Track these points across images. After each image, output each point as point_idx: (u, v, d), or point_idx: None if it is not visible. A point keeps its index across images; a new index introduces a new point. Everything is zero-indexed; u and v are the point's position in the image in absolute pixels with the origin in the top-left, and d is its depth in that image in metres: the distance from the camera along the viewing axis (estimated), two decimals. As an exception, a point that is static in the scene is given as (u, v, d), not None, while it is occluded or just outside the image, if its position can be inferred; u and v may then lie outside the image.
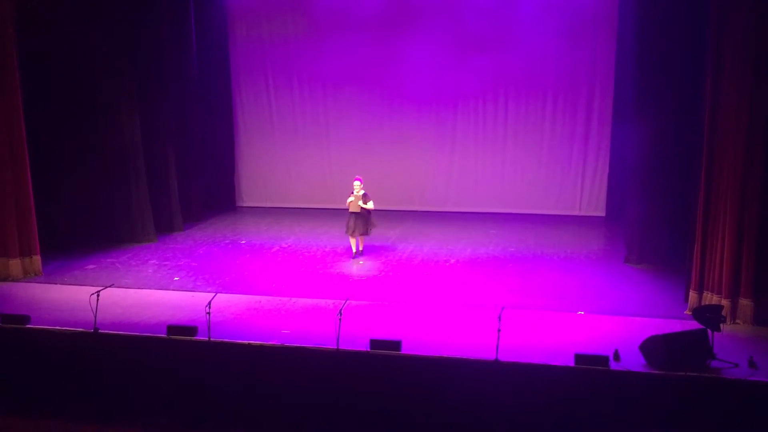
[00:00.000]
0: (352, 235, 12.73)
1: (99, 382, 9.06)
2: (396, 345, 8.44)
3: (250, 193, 17.91)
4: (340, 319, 8.48)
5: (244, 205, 17.88)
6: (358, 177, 12.74)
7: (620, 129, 15.23)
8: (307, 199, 17.18)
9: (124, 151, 13.87)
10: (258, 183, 17.79)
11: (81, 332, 9.13)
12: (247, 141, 17.82)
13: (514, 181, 16.62)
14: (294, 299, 10.73)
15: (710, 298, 9.71)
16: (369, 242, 14.05)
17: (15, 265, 11.67)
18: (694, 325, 8.57)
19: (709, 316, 8.45)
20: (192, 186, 16.05)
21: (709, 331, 8.24)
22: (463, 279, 11.71)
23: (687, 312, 9.85)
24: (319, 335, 8.96)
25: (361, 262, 12.63)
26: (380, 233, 14.77)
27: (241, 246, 14.01)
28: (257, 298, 10.75)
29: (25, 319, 9.43)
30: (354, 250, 12.84)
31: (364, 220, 12.58)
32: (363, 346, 8.50)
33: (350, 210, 12.60)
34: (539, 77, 16.10)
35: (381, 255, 13.18)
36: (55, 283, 11.48)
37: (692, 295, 9.97)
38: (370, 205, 12.51)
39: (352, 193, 12.57)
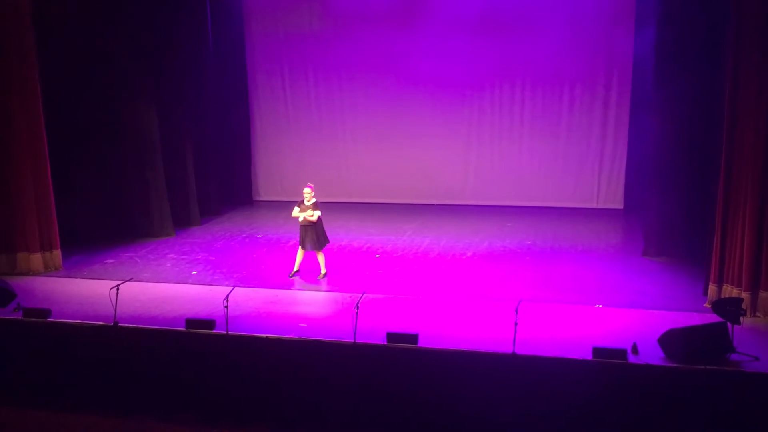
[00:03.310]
0: (303, 248, 11.26)
1: (118, 375, 9.15)
2: (413, 338, 8.44)
3: (266, 188, 17.99)
4: (356, 313, 8.49)
5: (261, 199, 17.97)
6: (310, 184, 11.26)
7: (638, 120, 15.14)
8: (324, 193, 17.01)
9: (142, 147, 13.98)
10: (274, 177, 17.87)
11: (101, 325, 9.22)
12: (263, 135, 17.89)
13: (531, 173, 16.55)
14: (311, 292, 10.77)
15: (730, 291, 9.61)
16: (386, 235, 14.09)
17: (36, 259, 11.82)
18: (713, 318, 8.51)
19: (728, 309, 8.37)
20: (209, 180, 16.15)
21: (729, 324, 8.17)
22: (480, 272, 11.69)
23: (706, 305, 9.76)
24: (336, 328, 8.99)
25: (322, 280, 11.32)
26: (396, 227, 14.80)
27: (258, 240, 14.07)
28: (274, 291, 10.80)
29: (46, 312, 9.54)
30: (295, 268, 11.37)
31: (314, 232, 11.14)
32: (380, 339, 8.51)
33: (299, 221, 11.18)
34: (556, 69, 16.01)
35: (398, 248, 13.18)
36: (76, 277, 11.60)
37: (712, 288, 9.88)
38: (314, 216, 11.04)
39: (302, 202, 11.14)
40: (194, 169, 15.26)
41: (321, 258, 11.39)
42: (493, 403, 8.15)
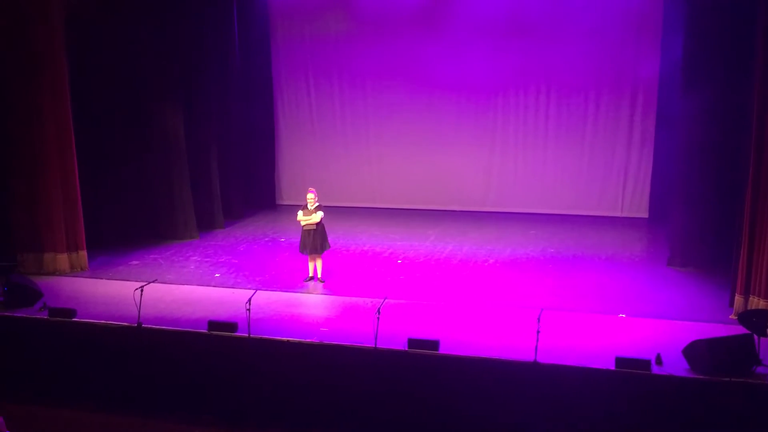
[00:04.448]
0: (306, 253, 11.38)
1: (141, 375, 9.24)
2: (434, 345, 8.43)
3: (289, 192, 18.04)
4: (378, 318, 8.49)
5: (284, 203, 18.02)
6: (311, 189, 11.36)
7: (664, 128, 14.97)
8: (347, 198, 17.24)
9: (167, 150, 14.14)
10: (298, 181, 17.88)
11: (125, 326, 9.33)
12: (287, 139, 17.98)
13: (554, 181, 16.44)
14: (332, 297, 10.79)
15: (757, 303, 9.46)
16: (408, 241, 14.08)
17: (62, 259, 12.00)
18: (739, 330, 8.39)
19: (755, 320, 8.26)
20: (233, 184, 16.27)
21: (756, 337, 8.05)
22: (502, 280, 11.63)
23: (732, 316, 9.63)
24: (357, 333, 9.00)
25: (319, 284, 11.35)
26: (419, 233, 14.79)
27: (281, 244, 14.13)
28: (296, 295, 10.85)
29: (72, 312, 9.67)
30: (310, 273, 11.44)
31: (315, 236, 11.16)
32: (401, 345, 8.51)
33: (302, 225, 11.27)
34: (582, 76, 15.88)
35: (419, 254, 13.16)
36: (101, 278, 11.74)
37: (738, 299, 9.74)
38: (315, 218, 11.12)
39: (306, 206, 11.22)
40: (219, 172, 15.39)
41: (319, 264, 11.41)
42: (514, 411, 8.10)
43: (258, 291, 9.71)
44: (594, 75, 15.85)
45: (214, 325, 9.13)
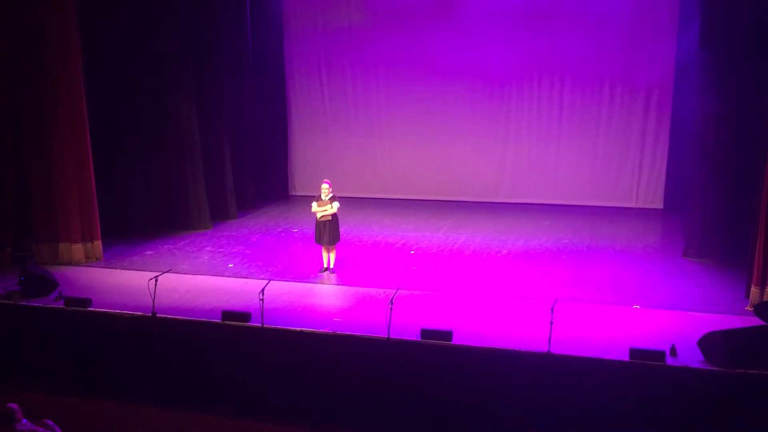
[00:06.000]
0: (322, 244, 11.34)
1: (156, 365, 9.30)
2: (447, 335, 8.42)
3: (302, 182, 18.09)
4: (391, 308, 8.49)
5: (297, 194, 18.07)
6: (327, 180, 11.37)
7: (680, 118, 14.84)
8: (359, 189, 17.24)
9: (181, 141, 14.19)
10: (311, 172, 17.93)
11: (140, 316, 9.39)
12: (300, 130, 18.00)
13: (568, 171, 16.36)
14: (345, 288, 10.80)
15: (773, 294, 9.40)
16: (421, 231, 14.07)
17: (77, 249, 12.09)
18: (755, 321, 8.32)
19: (771, 312, 8.19)
20: (246, 175, 16.31)
21: (772, 328, 7.99)
22: (516, 270, 11.60)
23: (748, 308, 9.56)
24: (370, 324, 9.00)
25: (332, 275, 11.33)
26: (432, 223, 14.78)
27: (294, 234, 14.16)
28: (309, 285, 10.87)
29: (87, 302, 9.74)
30: (325, 264, 11.41)
31: (330, 227, 11.17)
32: (414, 335, 8.50)
33: (317, 217, 11.23)
34: (597, 65, 15.78)
35: (432, 245, 13.15)
36: (116, 268, 11.82)
37: (754, 291, 9.66)
38: (332, 209, 11.12)
39: (320, 197, 11.22)
40: (232, 163, 15.43)
41: (333, 255, 11.43)
42: (527, 402, 8.08)
43: (271, 281, 9.73)
44: (609, 65, 15.73)
45: (227, 315, 9.17)
